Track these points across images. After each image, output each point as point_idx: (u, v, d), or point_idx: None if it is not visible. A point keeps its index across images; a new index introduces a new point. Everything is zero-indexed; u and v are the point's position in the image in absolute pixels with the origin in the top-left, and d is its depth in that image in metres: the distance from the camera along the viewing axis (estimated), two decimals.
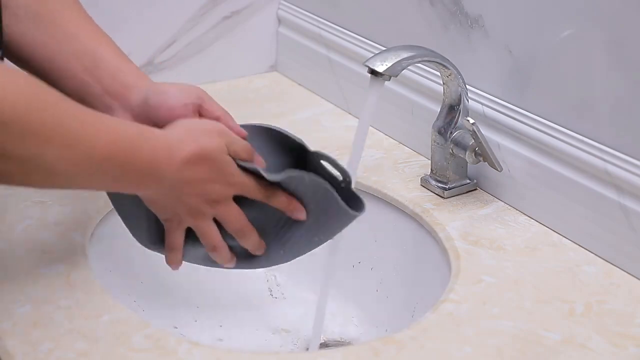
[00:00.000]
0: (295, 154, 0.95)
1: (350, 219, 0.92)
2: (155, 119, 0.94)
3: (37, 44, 0.97)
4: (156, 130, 0.87)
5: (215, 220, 0.91)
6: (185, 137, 0.88)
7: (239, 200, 0.91)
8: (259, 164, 0.93)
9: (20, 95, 0.73)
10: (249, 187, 0.91)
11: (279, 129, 0.97)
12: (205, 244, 0.93)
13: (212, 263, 0.96)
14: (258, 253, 0.95)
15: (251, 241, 0.93)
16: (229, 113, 0.97)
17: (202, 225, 0.91)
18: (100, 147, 0.79)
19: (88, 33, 0.99)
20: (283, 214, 0.93)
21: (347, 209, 0.90)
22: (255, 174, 0.90)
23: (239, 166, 0.90)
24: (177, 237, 0.93)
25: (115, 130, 0.82)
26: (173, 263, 0.95)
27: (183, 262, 0.96)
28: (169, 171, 0.85)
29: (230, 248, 0.94)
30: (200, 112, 0.97)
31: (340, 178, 0.92)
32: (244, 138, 0.95)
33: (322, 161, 0.93)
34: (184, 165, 0.86)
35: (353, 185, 0.92)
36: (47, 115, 0.75)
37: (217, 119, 0.96)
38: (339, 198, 0.90)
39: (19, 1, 0.97)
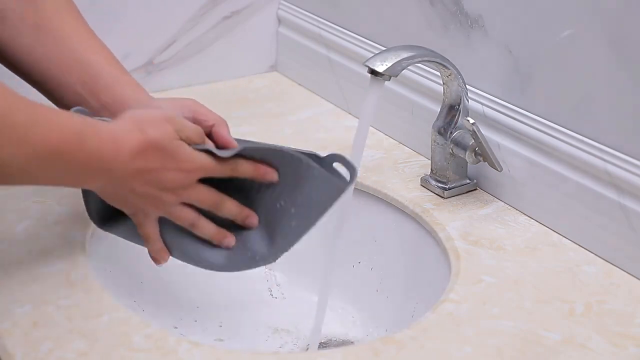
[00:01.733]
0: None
1: (334, 186, 0.90)
2: None
3: (36, 55, 0.98)
4: (101, 123, 0.86)
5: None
6: (132, 127, 0.87)
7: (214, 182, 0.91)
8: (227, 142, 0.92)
9: None
10: (209, 168, 0.90)
11: (280, 147, 0.94)
12: (182, 225, 0.92)
13: (215, 259, 0.95)
14: (249, 222, 0.94)
15: (229, 208, 0.93)
16: (224, 120, 0.97)
17: (170, 211, 0.91)
18: (47, 140, 0.79)
19: (86, 45, 1.00)
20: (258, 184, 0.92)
21: (325, 173, 0.90)
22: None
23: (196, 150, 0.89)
24: (148, 228, 0.93)
25: (64, 124, 0.81)
26: (156, 255, 0.95)
27: (182, 262, 0.96)
28: (117, 163, 0.85)
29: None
30: (194, 124, 0.96)
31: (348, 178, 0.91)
32: (228, 148, 0.94)
33: (334, 164, 0.92)
34: (132, 156, 0.85)
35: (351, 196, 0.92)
36: None
37: (210, 127, 0.95)
38: (311, 161, 0.90)
39: (17, 13, 0.97)
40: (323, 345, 1.10)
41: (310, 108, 1.39)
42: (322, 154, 0.93)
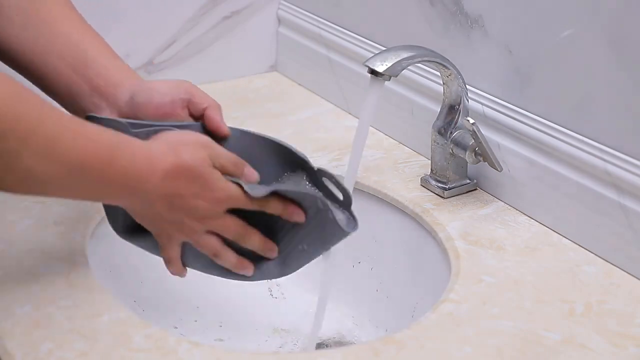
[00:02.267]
0: (299, 168, 0.94)
1: (342, 235, 0.91)
2: (143, 116, 0.94)
3: (26, 42, 0.96)
4: (136, 141, 0.85)
5: None
6: (166, 149, 0.85)
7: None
8: (251, 175, 0.91)
9: (1, 91, 0.73)
10: (240, 200, 0.88)
11: (283, 143, 0.95)
12: (205, 253, 0.92)
13: (229, 274, 0.95)
14: (269, 254, 0.94)
15: (253, 241, 0.92)
16: (218, 104, 0.96)
17: (195, 238, 0.90)
18: (78, 154, 0.78)
19: (77, 31, 0.98)
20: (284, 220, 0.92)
21: (339, 225, 0.90)
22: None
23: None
24: (170, 252, 0.92)
25: (94, 138, 0.80)
26: (175, 274, 0.95)
27: (192, 269, 0.96)
28: (148, 184, 0.83)
29: (242, 254, 0.93)
30: (189, 107, 0.95)
31: (341, 198, 0.91)
32: (225, 137, 0.94)
33: (324, 179, 0.92)
34: (164, 178, 0.84)
35: (352, 206, 0.91)
36: (28, 114, 0.74)
37: (204, 110, 0.94)
38: (331, 211, 0.89)
39: (8, 0, 0.96)
40: (323, 346, 1.10)
41: (310, 108, 1.39)
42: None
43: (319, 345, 1.09)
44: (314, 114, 1.37)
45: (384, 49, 1.11)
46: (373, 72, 1.01)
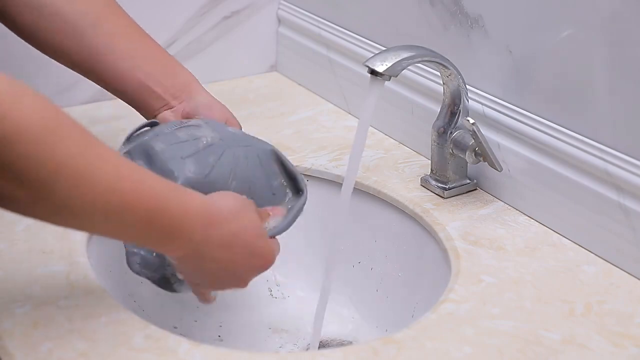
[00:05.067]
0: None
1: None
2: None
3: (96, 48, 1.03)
4: (188, 189, 0.85)
5: None
6: (218, 197, 0.87)
7: None
8: (279, 212, 0.95)
9: (42, 118, 0.71)
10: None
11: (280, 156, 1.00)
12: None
13: None
14: None
15: None
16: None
17: (242, 286, 0.92)
18: (122, 193, 0.76)
19: (140, 37, 1.06)
20: None
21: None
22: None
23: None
24: (207, 296, 0.93)
25: (141, 179, 0.79)
26: (208, 303, 0.96)
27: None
28: (197, 232, 0.83)
29: None
30: None
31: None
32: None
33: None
34: (212, 225, 0.84)
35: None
36: (65, 144, 0.73)
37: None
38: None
39: (74, 9, 1.01)
40: (323, 345, 1.10)
41: (310, 108, 1.39)
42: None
43: (319, 345, 1.08)
44: (314, 114, 1.37)
45: (384, 49, 1.11)
46: (373, 72, 1.01)
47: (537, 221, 1.08)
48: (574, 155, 1.02)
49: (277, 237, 0.93)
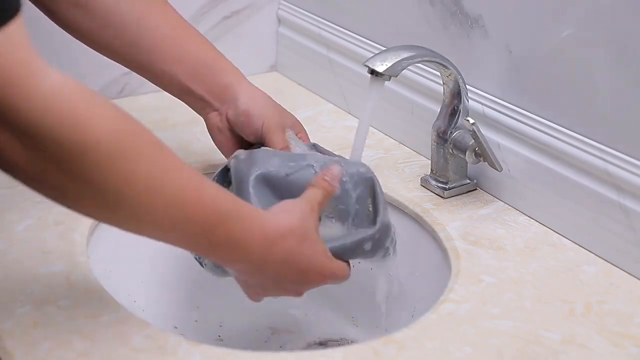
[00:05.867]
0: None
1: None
2: (240, 132, 1.03)
3: (138, 47, 1.02)
4: (251, 206, 0.86)
5: None
6: (280, 210, 0.87)
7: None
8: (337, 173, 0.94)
9: (103, 126, 0.71)
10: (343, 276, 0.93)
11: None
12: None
13: None
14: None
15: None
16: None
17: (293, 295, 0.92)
18: (187, 206, 0.77)
19: (185, 36, 1.05)
20: None
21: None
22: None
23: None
24: (256, 298, 0.93)
25: (207, 194, 0.79)
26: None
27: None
28: (255, 251, 0.83)
29: None
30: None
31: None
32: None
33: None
34: (270, 244, 0.84)
35: None
36: (137, 157, 0.73)
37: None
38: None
39: (119, 8, 1.01)
40: (323, 345, 1.10)
41: (310, 108, 1.39)
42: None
43: (319, 345, 1.09)
44: (314, 114, 1.37)
45: (384, 49, 1.11)
46: (373, 72, 1.01)
47: (537, 221, 1.08)
48: (574, 155, 1.02)
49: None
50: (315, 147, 1.03)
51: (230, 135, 1.05)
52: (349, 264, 0.93)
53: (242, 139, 1.05)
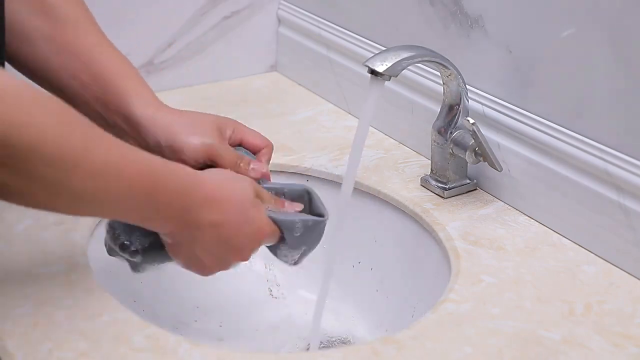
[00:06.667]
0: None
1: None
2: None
3: (52, 68, 0.97)
4: (184, 165, 0.86)
5: None
6: (214, 173, 0.88)
7: None
8: (295, 207, 0.95)
9: (49, 119, 0.72)
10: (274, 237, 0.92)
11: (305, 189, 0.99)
12: None
13: None
14: None
15: None
16: (241, 159, 0.97)
17: (228, 268, 0.92)
18: (127, 176, 0.78)
19: (102, 58, 0.97)
20: None
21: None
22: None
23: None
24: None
25: (140, 160, 0.80)
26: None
27: None
28: (195, 203, 0.84)
29: None
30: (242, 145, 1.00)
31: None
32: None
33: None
34: (211, 199, 0.85)
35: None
36: (75, 140, 0.74)
37: (258, 151, 1.00)
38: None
39: (32, 24, 0.96)
40: (323, 345, 1.10)
41: (310, 108, 1.39)
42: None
43: (319, 345, 1.09)
44: (314, 114, 1.37)
45: (384, 49, 1.11)
46: (373, 72, 1.01)
47: (537, 221, 1.09)
48: (574, 155, 1.02)
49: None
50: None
51: None
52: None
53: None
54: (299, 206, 0.95)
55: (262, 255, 1.18)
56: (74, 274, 0.96)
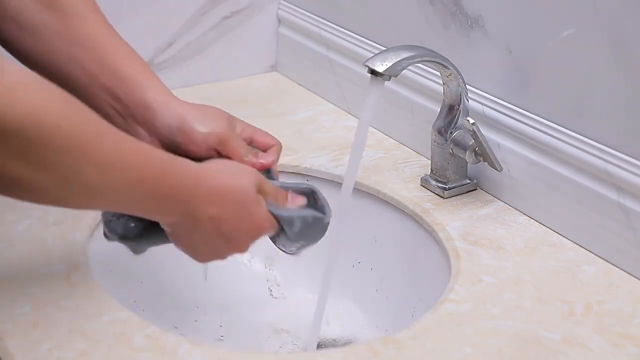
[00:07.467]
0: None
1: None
2: (181, 152, 0.94)
3: (60, 60, 0.96)
4: (188, 160, 0.86)
5: None
6: (217, 166, 0.88)
7: None
8: (299, 201, 0.94)
9: (61, 110, 0.73)
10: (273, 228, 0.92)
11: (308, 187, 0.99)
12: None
13: None
14: None
15: None
16: (249, 151, 0.98)
17: (226, 257, 0.92)
18: (137, 167, 0.79)
19: (111, 48, 0.98)
20: None
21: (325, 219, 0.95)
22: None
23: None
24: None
25: (150, 155, 0.81)
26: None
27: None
28: (197, 197, 0.84)
29: None
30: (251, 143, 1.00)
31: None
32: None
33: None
34: (212, 194, 0.85)
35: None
36: (88, 130, 0.75)
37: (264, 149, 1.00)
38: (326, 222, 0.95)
39: (38, 17, 0.96)
40: (323, 346, 1.10)
41: (310, 108, 1.39)
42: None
43: (319, 345, 1.09)
44: (314, 114, 1.37)
45: (384, 49, 1.11)
46: (373, 72, 1.01)
47: (537, 221, 1.09)
48: (574, 155, 1.02)
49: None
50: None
51: None
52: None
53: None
54: (302, 199, 0.95)
55: (262, 255, 1.18)
56: (74, 274, 0.97)
